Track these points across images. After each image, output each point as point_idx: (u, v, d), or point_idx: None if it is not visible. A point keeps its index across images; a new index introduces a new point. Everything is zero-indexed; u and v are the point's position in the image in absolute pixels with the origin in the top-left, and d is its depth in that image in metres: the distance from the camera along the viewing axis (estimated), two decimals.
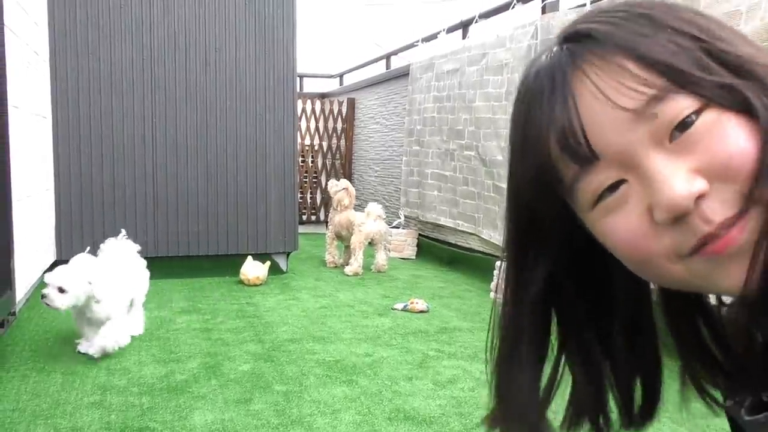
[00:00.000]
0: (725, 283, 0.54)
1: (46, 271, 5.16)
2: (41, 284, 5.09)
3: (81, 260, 3.65)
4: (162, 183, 5.62)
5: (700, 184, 0.53)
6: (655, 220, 0.54)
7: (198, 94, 5.67)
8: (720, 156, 0.52)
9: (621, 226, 0.57)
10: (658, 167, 0.54)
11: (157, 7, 5.52)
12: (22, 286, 4.12)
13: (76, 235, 5.44)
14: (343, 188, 6.49)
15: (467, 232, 6.20)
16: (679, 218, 0.53)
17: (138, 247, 4.23)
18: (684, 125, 0.54)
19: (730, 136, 0.52)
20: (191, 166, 5.68)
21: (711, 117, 0.53)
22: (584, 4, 4.42)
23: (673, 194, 0.53)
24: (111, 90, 5.45)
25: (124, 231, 4.29)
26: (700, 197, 0.52)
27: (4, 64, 3.65)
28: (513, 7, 5.68)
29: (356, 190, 9.74)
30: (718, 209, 0.52)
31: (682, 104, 0.54)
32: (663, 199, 0.53)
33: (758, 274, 0.51)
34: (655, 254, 0.56)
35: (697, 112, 0.53)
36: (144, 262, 4.23)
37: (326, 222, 6.75)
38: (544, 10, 5.00)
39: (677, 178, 0.53)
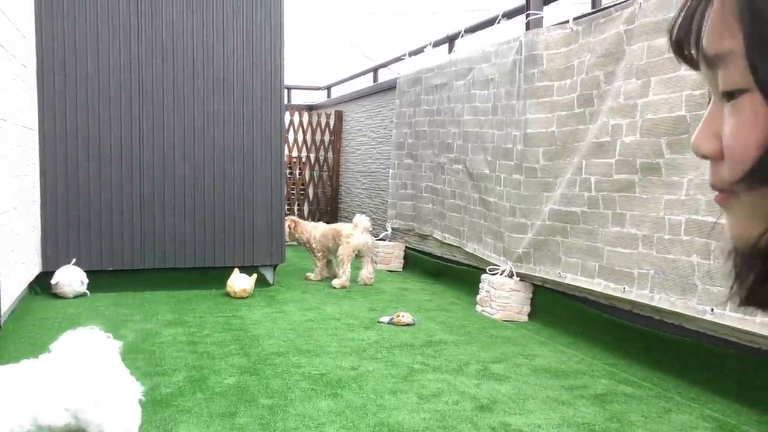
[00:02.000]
0: (727, 231, 0.57)
1: (31, 283, 5.16)
2: (26, 296, 5.08)
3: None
4: (148, 195, 5.62)
5: (705, 149, 0.56)
6: None
7: (186, 106, 5.69)
8: (731, 142, 0.55)
9: None
10: (707, 112, 0.57)
11: (145, 18, 5.54)
12: (7, 299, 4.12)
13: (62, 247, 5.44)
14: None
15: (453, 245, 6.23)
16: None
17: (118, 345, 2.65)
18: (729, 95, 0.55)
19: (749, 131, 0.54)
20: (178, 179, 5.70)
21: (750, 102, 0.53)
22: (567, 21, 4.48)
23: (693, 140, 0.57)
24: (98, 103, 5.46)
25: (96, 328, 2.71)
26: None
27: None
28: (498, 23, 5.74)
29: (344, 202, 9.79)
30: (715, 173, 0.56)
31: (732, 78, 0.54)
32: (692, 139, 0.58)
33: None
34: None
35: (742, 91, 0.53)
36: (126, 377, 2.58)
37: (307, 243, 6.68)
38: (528, 27, 5.06)
39: (700, 132, 0.56)
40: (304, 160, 9.99)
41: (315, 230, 6.59)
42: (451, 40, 6.73)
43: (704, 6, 0.58)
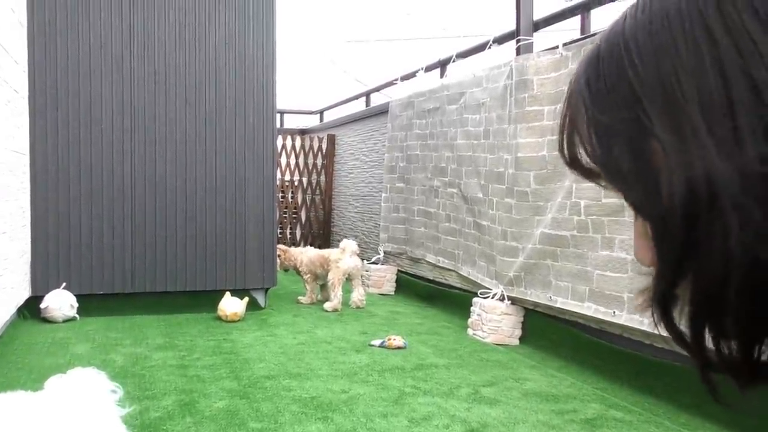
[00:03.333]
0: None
1: (20, 307, 5.14)
2: (15, 320, 5.06)
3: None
4: (140, 219, 5.62)
5: (649, 262, 0.57)
6: None
7: (177, 130, 5.71)
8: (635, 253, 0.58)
9: None
10: (635, 222, 0.59)
11: (137, 46, 5.58)
12: None
13: (51, 271, 5.42)
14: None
15: (446, 269, 6.24)
16: None
17: (117, 395, 2.27)
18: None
19: (641, 243, 0.57)
20: (169, 202, 5.70)
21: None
22: (556, 47, 4.54)
23: (635, 255, 0.59)
24: (90, 127, 5.48)
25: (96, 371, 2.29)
26: None
27: None
28: (489, 48, 5.80)
29: (336, 226, 9.79)
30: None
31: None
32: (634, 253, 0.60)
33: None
34: None
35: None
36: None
37: (296, 269, 6.69)
38: (518, 52, 5.11)
39: (638, 248, 0.58)
40: (296, 183, 10.01)
41: (302, 255, 6.60)
42: (442, 65, 6.79)
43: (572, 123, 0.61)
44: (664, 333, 0.57)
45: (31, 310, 5.31)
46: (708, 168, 0.48)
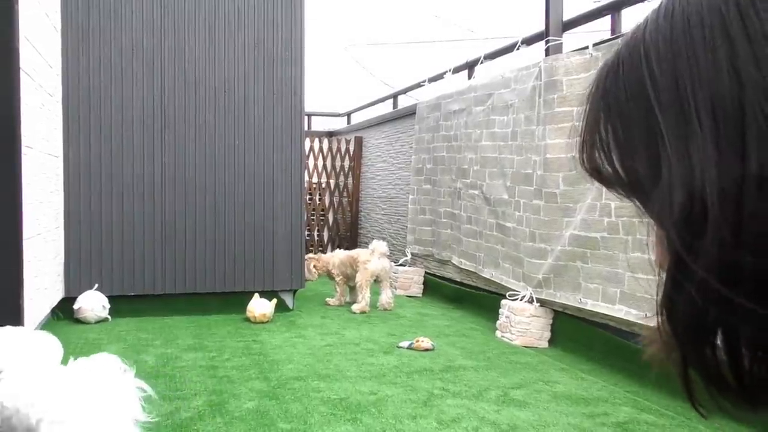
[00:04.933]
0: None
1: (54, 308, 5.22)
2: (49, 321, 5.14)
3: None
4: (170, 221, 5.68)
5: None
6: None
7: (207, 133, 5.76)
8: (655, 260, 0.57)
9: None
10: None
11: (167, 49, 5.65)
12: (30, 322, 4.16)
13: (84, 273, 5.50)
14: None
15: (469, 271, 6.22)
16: None
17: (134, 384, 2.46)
18: None
19: (657, 252, 0.56)
20: (199, 204, 5.75)
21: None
22: (586, 47, 4.50)
23: (654, 260, 0.58)
24: (122, 129, 5.55)
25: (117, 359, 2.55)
26: None
27: (19, 106, 3.74)
28: (518, 49, 5.78)
29: (363, 228, 9.81)
30: None
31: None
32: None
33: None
34: None
35: None
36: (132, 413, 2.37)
37: (329, 273, 6.70)
38: (547, 52, 5.08)
39: (658, 254, 0.57)
40: (323, 185, 10.04)
41: (333, 258, 6.62)
42: (470, 66, 6.77)
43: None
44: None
45: (64, 311, 5.39)
46: (707, 181, 0.47)
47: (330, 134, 10.70)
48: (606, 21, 4.91)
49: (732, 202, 0.46)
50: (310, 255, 6.62)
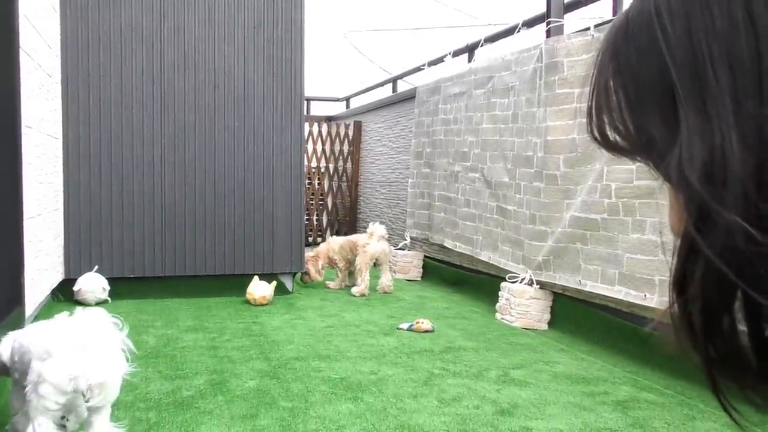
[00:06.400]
0: None
1: (54, 290, 5.22)
2: (49, 302, 5.14)
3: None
4: (170, 204, 5.67)
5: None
6: None
7: (206, 116, 5.75)
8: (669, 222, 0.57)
9: None
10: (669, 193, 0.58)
11: (167, 30, 5.62)
12: (31, 303, 4.17)
13: (84, 255, 5.50)
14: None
15: (464, 254, 6.22)
16: None
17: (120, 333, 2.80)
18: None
19: (672, 214, 0.56)
20: (199, 187, 5.75)
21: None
22: (588, 28, 4.49)
23: (669, 223, 0.57)
24: (121, 111, 5.53)
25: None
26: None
27: (19, 86, 3.72)
28: (518, 32, 5.76)
29: (362, 212, 9.81)
30: None
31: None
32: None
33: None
34: None
35: None
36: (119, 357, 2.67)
37: (332, 260, 6.69)
38: (548, 34, 5.07)
39: (671, 217, 0.57)
40: (323, 170, 10.03)
41: (333, 244, 6.62)
42: (470, 49, 6.75)
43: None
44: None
45: (64, 292, 5.39)
46: (726, 131, 0.47)
47: (329, 119, 10.68)
48: (608, 2, 4.90)
49: (753, 149, 0.46)
50: (309, 255, 6.58)
